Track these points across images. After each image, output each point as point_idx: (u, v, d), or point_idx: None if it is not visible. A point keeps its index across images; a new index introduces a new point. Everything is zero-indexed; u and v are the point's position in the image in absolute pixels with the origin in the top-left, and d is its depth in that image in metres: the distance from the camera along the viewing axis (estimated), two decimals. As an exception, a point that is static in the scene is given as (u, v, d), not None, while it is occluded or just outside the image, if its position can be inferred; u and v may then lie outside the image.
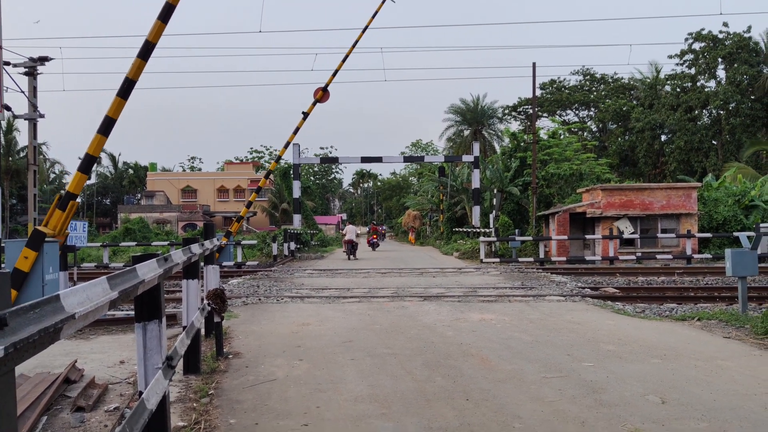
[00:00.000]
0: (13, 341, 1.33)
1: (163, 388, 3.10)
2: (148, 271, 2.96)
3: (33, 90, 17.97)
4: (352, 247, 25.36)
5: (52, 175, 72.89)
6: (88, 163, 5.72)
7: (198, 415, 4.42)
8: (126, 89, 5.72)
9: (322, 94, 17.87)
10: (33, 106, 17.90)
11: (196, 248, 5.09)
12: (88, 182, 75.64)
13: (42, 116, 18.58)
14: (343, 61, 16.73)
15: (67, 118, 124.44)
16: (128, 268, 2.75)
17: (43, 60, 17.64)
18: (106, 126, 5.69)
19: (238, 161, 78.60)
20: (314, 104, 17.94)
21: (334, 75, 16.77)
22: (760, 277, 15.13)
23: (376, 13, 16.30)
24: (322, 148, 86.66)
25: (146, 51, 5.70)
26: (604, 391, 4.93)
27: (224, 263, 18.73)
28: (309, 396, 4.93)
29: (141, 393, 3.15)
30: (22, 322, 1.42)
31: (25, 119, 17.66)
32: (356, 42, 16.55)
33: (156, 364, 3.27)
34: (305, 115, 17.15)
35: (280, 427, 4.19)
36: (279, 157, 19.26)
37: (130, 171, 78.62)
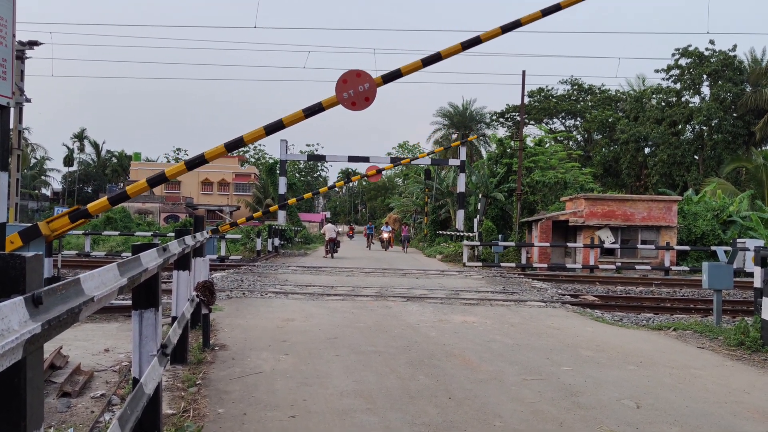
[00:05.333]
0: (47, 318, 1.42)
1: (158, 375, 3.18)
2: (150, 260, 3.04)
3: (20, 74, 17.79)
4: (333, 246, 25.45)
5: (33, 161, 71.88)
6: (120, 198, 5.85)
7: (186, 403, 4.49)
8: (195, 163, 5.87)
9: (374, 173, 20.10)
10: (20, 90, 17.72)
11: (189, 240, 5.16)
12: (70, 168, 74.90)
13: (29, 101, 18.41)
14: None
15: (49, 103, 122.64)
16: (132, 256, 2.83)
17: (32, 44, 17.48)
18: (157, 180, 5.84)
19: (223, 155, 77.99)
20: (362, 177, 20.20)
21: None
22: (734, 291, 15.48)
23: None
24: (308, 146, 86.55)
25: (235, 145, 5.87)
26: (582, 395, 5.09)
27: (208, 256, 18.73)
28: (295, 389, 5.02)
29: (136, 379, 3.23)
30: (52, 302, 1.51)
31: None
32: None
33: (151, 351, 3.34)
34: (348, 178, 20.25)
35: (268, 417, 4.29)
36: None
37: (114, 160, 77.77)
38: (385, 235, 33.56)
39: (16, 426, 1.47)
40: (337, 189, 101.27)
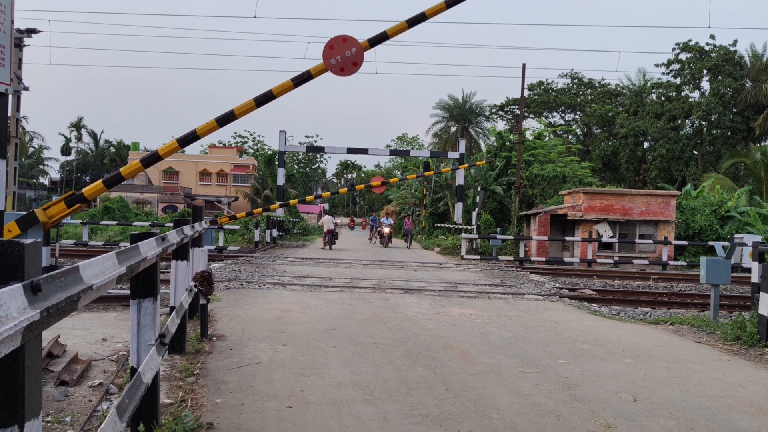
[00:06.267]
0: (46, 306, 1.41)
1: (157, 364, 3.18)
2: (149, 249, 3.03)
3: (18, 62, 17.71)
4: (331, 237, 25.46)
5: (31, 149, 71.66)
6: (115, 180, 5.82)
7: (184, 393, 4.50)
8: (188, 140, 5.85)
9: (379, 184, 20.36)
10: (18, 78, 17.64)
11: (188, 230, 5.14)
12: (68, 158, 74.66)
13: (26, 89, 18.33)
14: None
15: (46, 92, 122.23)
16: (131, 245, 2.82)
17: (30, 32, 17.39)
18: (151, 159, 5.81)
19: (221, 145, 77.89)
20: (368, 187, 20.32)
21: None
22: (732, 286, 15.53)
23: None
24: (307, 137, 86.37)
25: (226, 119, 5.86)
26: (579, 388, 5.10)
27: (206, 247, 18.75)
28: (293, 380, 5.03)
29: (134, 368, 3.22)
30: (51, 290, 1.50)
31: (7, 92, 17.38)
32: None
33: (149, 341, 3.34)
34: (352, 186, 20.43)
35: (266, 408, 4.29)
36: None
37: (112, 149, 77.54)
38: (386, 230, 28.70)
39: (15, 413, 1.47)
40: (335, 181, 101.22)
